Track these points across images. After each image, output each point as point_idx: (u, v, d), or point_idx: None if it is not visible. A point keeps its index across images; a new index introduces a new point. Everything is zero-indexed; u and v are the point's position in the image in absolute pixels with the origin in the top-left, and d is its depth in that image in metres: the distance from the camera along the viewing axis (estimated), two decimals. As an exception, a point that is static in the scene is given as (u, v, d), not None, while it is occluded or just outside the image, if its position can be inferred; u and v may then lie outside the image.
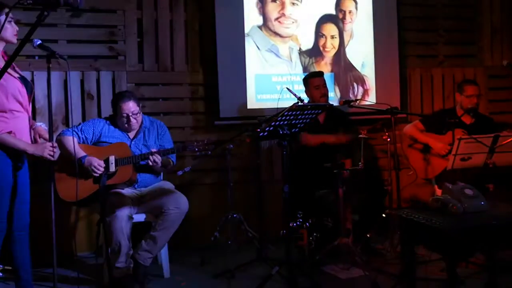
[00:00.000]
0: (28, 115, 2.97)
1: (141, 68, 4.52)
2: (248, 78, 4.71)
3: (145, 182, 3.75)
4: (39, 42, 2.85)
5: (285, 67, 4.81)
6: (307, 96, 4.31)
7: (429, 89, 5.27)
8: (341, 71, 4.96)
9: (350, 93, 4.99)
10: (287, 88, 3.87)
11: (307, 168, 4.13)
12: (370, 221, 4.08)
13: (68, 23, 4.32)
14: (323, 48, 4.92)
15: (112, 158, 3.52)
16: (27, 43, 2.40)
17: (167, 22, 4.59)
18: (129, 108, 3.65)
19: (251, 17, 4.73)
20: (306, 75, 4.43)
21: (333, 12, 4.95)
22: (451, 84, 5.25)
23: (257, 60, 4.74)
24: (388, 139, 4.04)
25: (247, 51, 4.71)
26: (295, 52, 4.85)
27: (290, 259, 3.24)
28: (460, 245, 2.56)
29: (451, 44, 5.32)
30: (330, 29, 4.94)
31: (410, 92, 5.21)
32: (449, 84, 5.28)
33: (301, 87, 4.50)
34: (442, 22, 5.30)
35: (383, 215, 4.08)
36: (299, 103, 3.62)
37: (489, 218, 2.67)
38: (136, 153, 3.64)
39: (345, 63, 4.98)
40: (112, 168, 3.52)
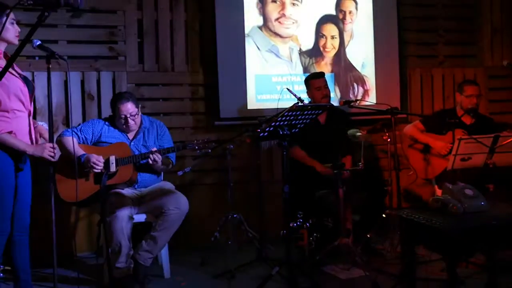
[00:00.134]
0: (30, 115, 2.97)
1: (141, 69, 4.52)
2: (248, 79, 4.71)
3: (145, 183, 3.75)
4: (39, 43, 2.84)
5: (285, 68, 4.81)
6: (309, 97, 4.30)
7: (429, 90, 5.27)
8: (341, 72, 4.96)
9: (350, 94, 4.99)
10: (287, 89, 3.85)
11: (307, 168, 4.13)
12: (370, 221, 4.08)
13: (69, 24, 4.32)
14: (323, 49, 4.92)
15: (113, 158, 3.52)
16: (27, 44, 2.40)
17: (167, 23, 4.59)
18: (127, 109, 3.65)
19: (251, 18, 4.73)
20: (307, 76, 4.40)
21: (333, 13, 4.95)
22: (451, 85, 5.25)
23: (257, 61, 4.74)
24: (388, 140, 4.04)
25: (247, 52, 4.71)
26: (295, 53, 4.85)
27: (290, 259, 3.24)
28: (460, 245, 2.56)
29: (451, 44, 5.32)
30: (330, 30, 4.94)
31: (410, 93, 5.21)
32: (449, 85, 5.28)
33: (301, 88, 4.50)
34: (442, 22, 5.29)
35: (383, 215, 4.08)
36: (299, 104, 3.62)
37: (489, 218, 2.67)
38: (136, 154, 3.64)
39: (345, 64, 4.98)
40: (113, 168, 3.51)
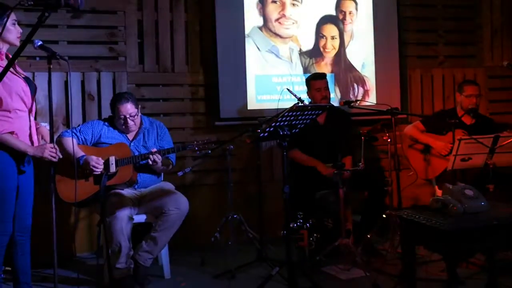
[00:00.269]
0: (32, 115, 2.97)
1: (142, 69, 4.52)
2: (248, 79, 4.71)
3: (145, 183, 3.75)
4: (40, 43, 2.84)
5: (285, 68, 4.81)
6: (309, 97, 4.30)
7: (430, 90, 5.27)
8: (341, 72, 4.96)
9: (351, 94, 4.99)
10: (287, 89, 3.85)
11: (307, 169, 4.13)
12: (371, 222, 4.08)
13: (69, 24, 4.32)
14: (324, 49, 4.92)
15: (113, 159, 3.52)
16: (28, 44, 2.40)
17: (168, 23, 4.59)
18: (127, 110, 3.65)
19: (251, 18, 4.73)
20: (309, 77, 4.40)
21: (333, 13, 4.95)
22: (452, 85, 5.25)
23: (258, 61, 4.74)
24: (389, 140, 4.04)
25: (248, 52, 4.71)
26: (296, 53, 4.85)
27: (291, 260, 3.24)
28: (461, 246, 2.56)
29: (451, 45, 5.32)
30: (331, 30, 4.94)
31: (411, 93, 5.21)
32: (450, 85, 5.28)
33: (302, 88, 4.50)
34: (442, 23, 5.30)
35: (384, 216, 4.08)
36: (299, 104, 3.62)
37: (490, 219, 2.66)
38: (136, 154, 3.63)
39: (345, 64, 4.98)
40: (113, 169, 3.52)
